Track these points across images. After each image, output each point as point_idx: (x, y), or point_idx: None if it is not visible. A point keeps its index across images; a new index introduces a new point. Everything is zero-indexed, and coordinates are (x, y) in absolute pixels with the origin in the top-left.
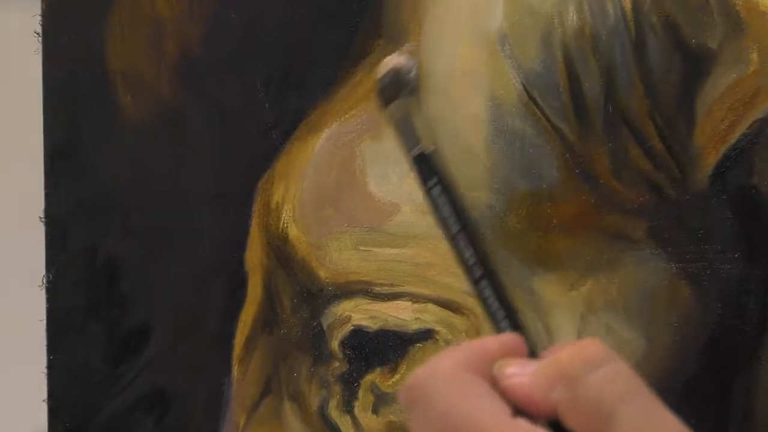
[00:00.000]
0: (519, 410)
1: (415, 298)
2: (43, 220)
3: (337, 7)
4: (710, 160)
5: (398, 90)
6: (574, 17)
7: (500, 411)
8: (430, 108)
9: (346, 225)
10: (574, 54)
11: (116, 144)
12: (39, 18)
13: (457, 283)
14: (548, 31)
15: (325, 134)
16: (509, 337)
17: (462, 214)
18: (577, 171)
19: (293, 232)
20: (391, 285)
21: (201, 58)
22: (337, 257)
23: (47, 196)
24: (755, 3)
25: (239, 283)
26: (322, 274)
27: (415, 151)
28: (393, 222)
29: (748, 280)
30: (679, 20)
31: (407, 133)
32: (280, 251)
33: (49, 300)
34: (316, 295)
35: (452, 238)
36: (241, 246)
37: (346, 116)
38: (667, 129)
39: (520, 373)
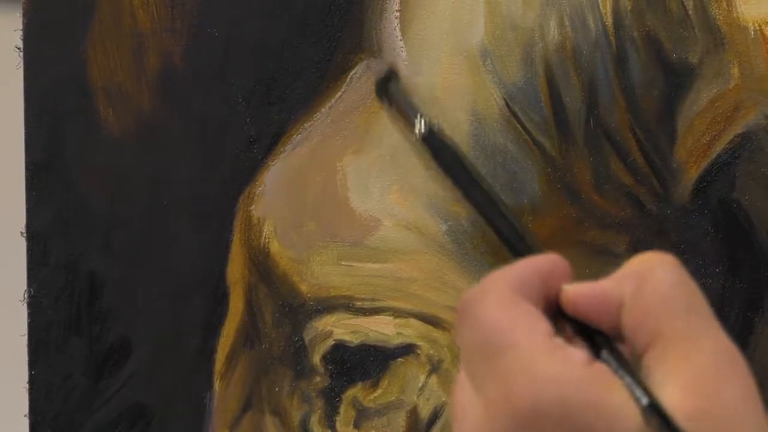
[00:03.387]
0: (562, 328)
1: (396, 312)
2: (24, 235)
3: (318, 21)
4: (692, 174)
5: (392, 75)
6: (556, 32)
7: (538, 330)
8: None
9: (327, 239)
10: (556, 69)
11: (97, 159)
12: (20, 33)
13: (439, 298)
14: (530, 46)
15: (306, 149)
16: (557, 259)
17: (482, 179)
18: (559, 185)
19: (275, 246)
20: (373, 300)
21: (182, 73)
22: (319, 272)
23: (28, 211)
24: (736, 18)
25: (221, 297)
26: (304, 288)
27: (421, 129)
28: (375, 237)
29: (730, 294)
30: (660, 35)
31: (411, 110)
32: (262, 266)
33: (30, 315)
34: (298, 310)
35: (480, 203)
36: (222, 261)
37: (328, 131)
38: (649, 143)
39: (591, 283)
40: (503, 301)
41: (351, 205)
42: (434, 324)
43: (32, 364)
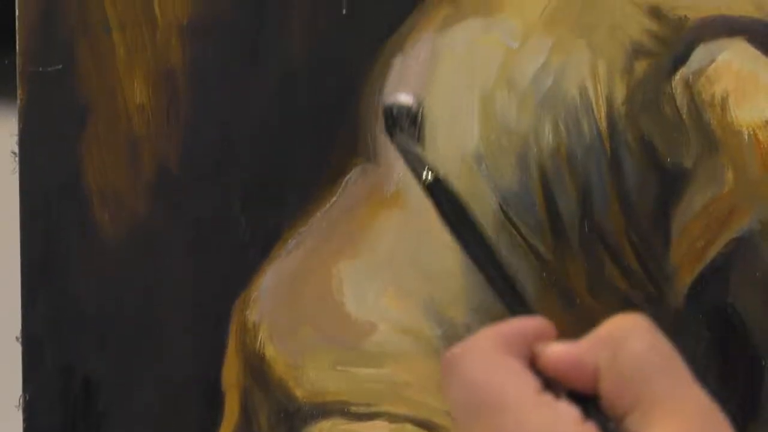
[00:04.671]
0: (550, 384)
1: (392, 417)
2: (19, 340)
3: (314, 124)
4: (686, 278)
5: (404, 119)
6: (550, 136)
7: (527, 387)
8: (408, 225)
9: (323, 344)
10: (550, 173)
11: (93, 262)
12: (16, 138)
13: (434, 402)
14: (524, 151)
15: (301, 253)
16: (544, 322)
17: (481, 229)
18: (554, 289)
19: (270, 351)
20: (368, 404)
21: (177, 176)
22: (314, 376)
23: (24, 314)
24: (730, 122)
25: (216, 402)
26: (299, 393)
27: (427, 177)
28: (370, 341)
29: (725, 398)
30: (654, 139)
31: (417, 161)
32: (257, 370)
33: (26, 420)
34: (294, 415)
35: (476, 253)
36: (217, 364)
37: (323, 235)
38: (643, 247)
39: (565, 345)
40: (490, 358)
41: (346, 310)
42: (429, 429)
43: None
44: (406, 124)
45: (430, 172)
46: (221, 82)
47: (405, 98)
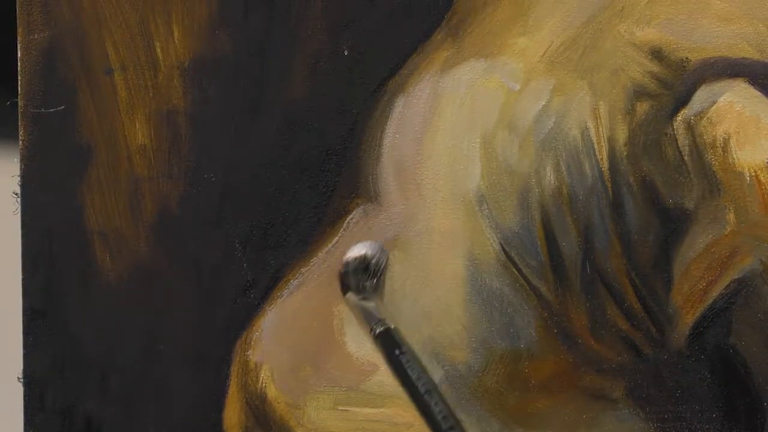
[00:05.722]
0: None
1: None
2: (21, 380)
3: (315, 166)
4: (688, 319)
5: (360, 278)
6: (552, 177)
7: None
8: (408, 266)
9: (324, 384)
10: (552, 214)
11: (94, 303)
12: (18, 179)
13: None
14: (526, 191)
15: (303, 294)
16: None
17: (427, 376)
18: (555, 330)
19: (272, 392)
20: None
21: (179, 217)
22: (316, 417)
23: (25, 356)
24: (731, 164)
25: None
26: None
27: (378, 329)
28: (371, 381)
29: None
30: (656, 180)
31: (367, 315)
32: (259, 411)
33: None
34: None
35: (421, 398)
36: (219, 406)
37: (325, 275)
38: (645, 288)
39: None
40: None
41: (347, 350)
42: None
43: None
44: (360, 280)
45: (379, 325)
46: (223, 122)
47: (360, 252)
